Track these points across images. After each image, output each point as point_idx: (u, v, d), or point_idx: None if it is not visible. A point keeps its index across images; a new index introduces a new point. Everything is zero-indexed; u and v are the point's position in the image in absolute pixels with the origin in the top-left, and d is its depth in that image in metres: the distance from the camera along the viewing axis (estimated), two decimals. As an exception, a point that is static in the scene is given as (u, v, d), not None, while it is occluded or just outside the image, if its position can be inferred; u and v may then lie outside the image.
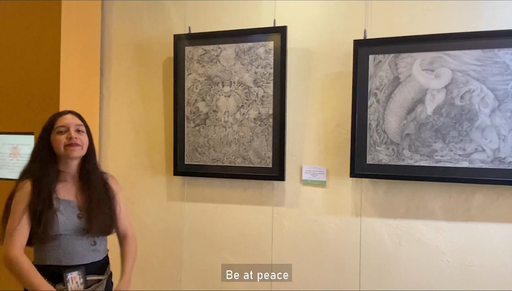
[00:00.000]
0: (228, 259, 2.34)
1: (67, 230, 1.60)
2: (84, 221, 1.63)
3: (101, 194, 1.69)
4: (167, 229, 2.46)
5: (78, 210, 1.64)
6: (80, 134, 1.66)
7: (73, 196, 1.66)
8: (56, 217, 1.57)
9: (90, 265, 1.65)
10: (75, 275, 1.59)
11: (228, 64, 2.27)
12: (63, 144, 1.62)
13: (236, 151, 2.27)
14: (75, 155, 1.64)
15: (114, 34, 2.60)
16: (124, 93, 2.58)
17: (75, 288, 1.60)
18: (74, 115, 1.69)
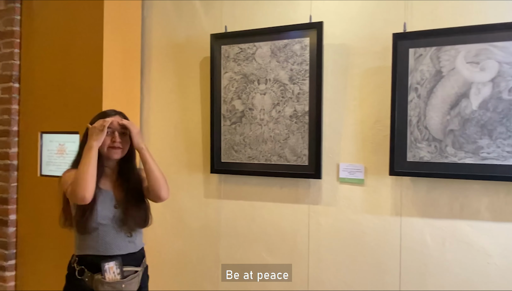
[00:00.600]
0: (265, 257, 2.33)
1: (105, 219, 1.68)
2: (120, 212, 1.71)
3: (137, 189, 1.77)
4: (204, 226, 2.49)
5: (115, 201, 1.72)
6: (124, 136, 1.73)
7: (111, 188, 1.75)
8: (95, 204, 1.65)
9: (127, 256, 1.72)
10: (112, 265, 1.67)
11: (264, 62, 2.27)
12: (106, 146, 1.70)
13: (272, 149, 2.26)
14: (116, 157, 1.74)
15: (154, 35, 2.67)
16: (163, 93, 2.64)
17: (112, 278, 1.67)
18: (122, 118, 1.76)
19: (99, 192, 1.69)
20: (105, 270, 1.66)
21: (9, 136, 2.66)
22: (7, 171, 2.66)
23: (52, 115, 2.56)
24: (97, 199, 1.67)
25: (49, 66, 2.58)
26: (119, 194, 1.75)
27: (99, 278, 1.66)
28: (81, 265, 1.70)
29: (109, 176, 1.77)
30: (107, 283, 1.66)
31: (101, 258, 1.67)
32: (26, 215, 2.66)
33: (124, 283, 1.69)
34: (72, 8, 2.50)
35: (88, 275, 1.68)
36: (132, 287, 1.72)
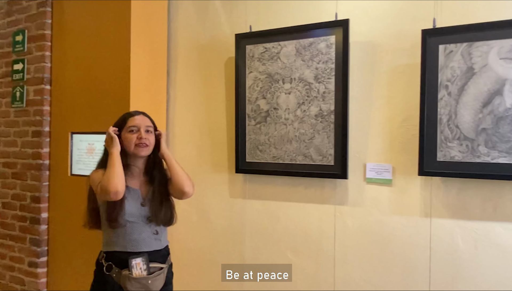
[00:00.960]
0: (290, 258, 2.32)
1: (132, 216, 1.72)
2: (147, 209, 1.76)
3: (163, 188, 1.81)
4: (229, 226, 2.50)
5: (142, 199, 1.77)
6: (149, 134, 1.77)
7: (138, 186, 1.79)
8: (123, 202, 1.70)
9: (153, 253, 1.76)
10: (139, 261, 1.70)
11: (289, 61, 2.25)
12: (133, 143, 1.74)
13: (297, 148, 2.24)
14: (143, 154, 1.77)
15: (179, 36, 2.70)
16: (189, 93, 2.66)
17: (139, 274, 1.70)
18: (145, 116, 1.81)
19: (127, 190, 1.72)
20: (132, 266, 1.70)
21: (41, 137, 2.75)
22: (40, 171, 2.75)
23: (82, 116, 2.63)
24: (125, 196, 1.70)
25: (78, 68, 2.65)
26: (146, 192, 1.79)
27: (126, 274, 1.69)
28: (109, 261, 1.74)
29: (136, 174, 1.80)
30: (134, 279, 1.69)
31: (128, 254, 1.71)
32: (57, 213, 2.73)
33: (150, 279, 1.72)
34: (100, 11, 2.55)
35: (116, 271, 1.72)
36: (157, 284, 1.75)
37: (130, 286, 1.69)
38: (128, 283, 1.69)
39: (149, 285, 1.72)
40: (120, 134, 1.77)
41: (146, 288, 1.71)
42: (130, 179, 1.77)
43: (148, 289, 1.72)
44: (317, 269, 2.24)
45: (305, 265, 2.27)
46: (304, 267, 2.27)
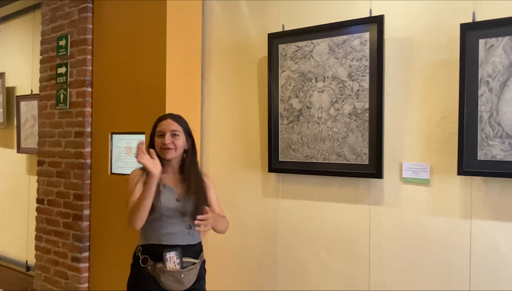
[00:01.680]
0: (323, 258, 2.29)
1: (168, 211, 1.80)
2: (182, 204, 1.83)
3: (197, 185, 1.88)
4: (262, 225, 2.51)
5: (177, 195, 1.84)
6: (175, 138, 1.85)
7: (173, 184, 1.87)
8: (159, 197, 1.78)
9: (186, 248, 1.82)
10: (173, 254, 1.77)
11: (322, 59, 2.23)
12: (159, 147, 1.84)
13: (330, 147, 2.22)
14: (168, 157, 1.85)
15: (213, 36, 2.74)
16: (222, 93, 2.70)
17: (172, 267, 1.77)
18: (173, 121, 1.88)
19: (163, 187, 1.82)
20: (166, 259, 1.76)
21: (83, 137, 2.87)
22: (82, 169, 2.87)
23: (121, 117, 2.72)
24: (161, 192, 1.79)
25: (117, 70, 2.75)
26: (181, 189, 1.86)
27: (161, 267, 1.76)
28: (144, 254, 1.81)
29: (171, 173, 1.89)
30: (168, 272, 1.76)
31: (162, 248, 1.78)
32: (98, 210, 2.85)
33: (183, 273, 1.78)
34: (137, 16, 2.63)
35: (151, 264, 1.79)
36: (190, 278, 1.81)
37: (164, 279, 1.76)
38: (162, 276, 1.76)
39: (182, 279, 1.78)
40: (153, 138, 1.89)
41: (179, 281, 1.77)
42: (165, 178, 1.86)
43: (181, 283, 1.78)
44: (351, 270, 2.20)
45: (339, 265, 2.24)
46: (338, 268, 2.24)
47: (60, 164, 3.01)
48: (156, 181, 1.71)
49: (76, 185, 2.90)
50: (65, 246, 2.94)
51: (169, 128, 1.85)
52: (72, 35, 2.95)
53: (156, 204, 1.77)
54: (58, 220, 3.01)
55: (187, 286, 1.80)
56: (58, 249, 2.98)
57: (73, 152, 2.93)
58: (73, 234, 2.90)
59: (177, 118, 1.90)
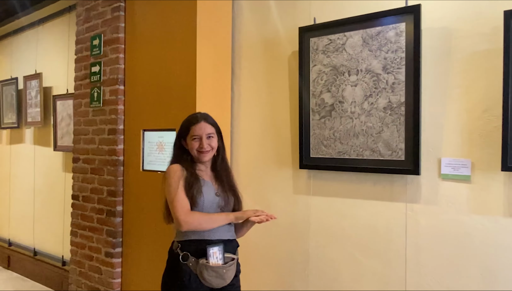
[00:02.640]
0: (357, 257, 2.23)
1: (209, 205, 1.82)
2: (220, 199, 1.86)
3: (231, 182, 1.94)
4: (293, 223, 2.46)
5: (216, 190, 1.88)
6: (211, 140, 1.89)
7: (210, 179, 1.91)
8: (202, 192, 1.81)
9: (226, 243, 1.84)
10: (216, 250, 1.78)
11: (355, 52, 2.17)
12: (195, 150, 1.87)
13: (364, 143, 2.15)
14: (206, 159, 1.90)
15: (243, 32, 2.72)
16: (253, 89, 2.67)
17: (215, 262, 1.77)
18: (206, 123, 1.90)
19: (203, 182, 1.85)
20: (209, 255, 1.77)
21: (116, 134, 2.91)
22: (115, 166, 2.91)
23: (152, 114, 2.74)
24: (202, 187, 1.83)
25: (148, 68, 2.77)
26: (217, 184, 1.91)
27: (204, 263, 1.76)
28: (184, 250, 1.80)
29: (204, 171, 1.93)
30: (211, 268, 1.76)
31: (204, 242, 1.79)
32: (131, 206, 2.88)
33: (225, 268, 1.79)
34: (168, 13, 2.64)
35: (192, 260, 1.78)
36: (230, 274, 1.82)
37: (206, 275, 1.75)
38: (205, 272, 1.75)
39: (224, 275, 1.78)
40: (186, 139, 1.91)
41: (221, 277, 1.78)
42: (202, 173, 1.90)
43: (223, 278, 1.78)
44: (387, 269, 2.12)
45: (373, 265, 2.17)
46: (373, 268, 2.17)
47: (94, 160, 3.07)
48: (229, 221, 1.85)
49: (109, 181, 2.95)
50: (99, 241, 2.99)
51: (205, 132, 1.88)
52: (105, 34, 3.00)
53: (198, 199, 1.79)
54: (92, 215, 3.07)
55: (227, 282, 1.81)
56: (92, 244, 3.04)
57: (107, 149, 2.98)
58: (106, 230, 2.95)
59: (208, 120, 1.93)
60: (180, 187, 1.78)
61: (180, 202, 1.76)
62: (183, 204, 1.76)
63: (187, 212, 1.76)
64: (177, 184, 1.79)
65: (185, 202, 1.77)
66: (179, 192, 1.77)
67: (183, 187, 1.79)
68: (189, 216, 1.75)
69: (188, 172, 1.84)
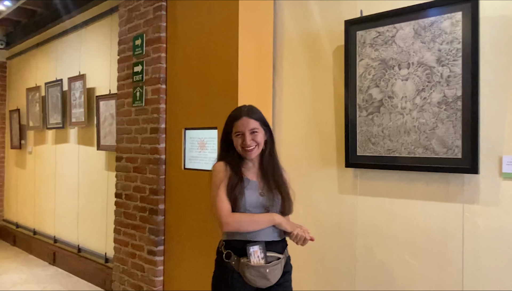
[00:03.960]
0: (408, 260, 2.12)
1: (251, 206, 1.76)
2: (265, 199, 1.79)
3: (278, 180, 1.84)
4: (339, 223, 2.38)
5: (260, 189, 1.81)
6: (255, 135, 1.81)
7: (255, 178, 1.84)
8: (243, 192, 1.75)
9: (271, 243, 1.77)
10: (256, 249, 1.73)
11: (406, 44, 2.06)
12: (240, 147, 1.81)
13: (416, 140, 2.03)
14: (252, 157, 1.83)
15: (285, 28, 2.66)
16: (295, 86, 2.60)
17: (256, 262, 1.72)
18: (248, 118, 1.82)
19: (247, 182, 1.79)
20: (250, 254, 1.72)
21: (158, 133, 2.93)
22: (157, 165, 2.93)
23: (194, 113, 2.73)
24: (246, 187, 1.77)
25: (190, 66, 2.76)
26: (263, 183, 1.82)
27: (245, 262, 1.72)
28: (228, 249, 1.78)
29: (251, 168, 1.86)
30: (252, 267, 1.71)
31: (246, 243, 1.74)
32: (172, 205, 2.89)
33: (268, 268, 1.73)
34: (210, 11, 2.62)
35: (235, 259, 1.75)
36: (275, 274, 1.75)
37: (248, 274, 1.72)
38: (247, 271, 1.72)
39: (267, 274, 1.72)
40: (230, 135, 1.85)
41: (264, 277, 1.72)
42: (247, 171, 1.84)
43: (266, 278, 1.73)
44: (442, 274, 2.00)
45: (426, 269, 2.05)
46: (425, 272, 2.05)
47: (137, 159, 3.10)
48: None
49: (151, 179, 2.97)
50: (142, 239, 3.02)
51: (247, 127, 1.80)
52: (147, 34, 3.03)
53: (240, 200, 1.74)
54: (135, 213, 3.10)
55: (272, 282, 1.75)
56: (135, 242, 3.07)
57: (149, 148, 3.00)
58: (149, 228, 2.97)
59: (251, 114, 1.83)
60: (222, 187, 1.75)
61: (221, 203, 1.73)
62: (223, 204, 1.73)
63: (227, 213, 1.72)
64: (219, 184, 1.77)
65: (226, 202, 1.73)
66: (220, 192, 1.75)
67: (225, 187, 1.76)
68: (229, 217, 1.72)
69: (232, 170, 1.80)
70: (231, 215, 1.73)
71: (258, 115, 1.86)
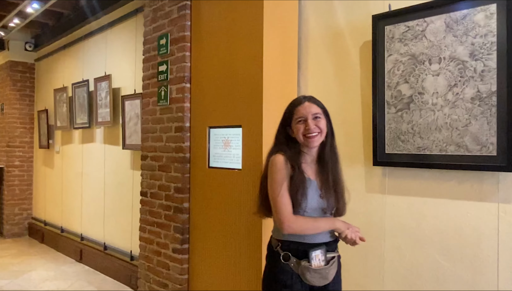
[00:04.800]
0: (439, 262, 2.05)
1: (311, 209, 1.71)
2: (324, 201, 1.73)
3: (336, 177, 1.75)
4: (367, 223, 2.33)
5: (320, 190, 1.73)
6: (318, 121, 1.71)
7: (314, 176, 1.76)
8: (306, 194, 1.69)
9: (329, 243, 1.76)
10: (318, 253, 1.70)
11: (437, 38, 2.00)
12: (301, 134, 1.70)
13: (448, 137, 1.97)
14: (315, 144, 1.72)
15: (310, 25, 2.62)
16: (320, 83, 2.57)
17: (317, 265, 1.70)
18: (312, 103, 1.74)
19: (308, 182, 1.71)
20: (312, 258, 1.69)
21: (183, 132, 2.94)
22: (182, 163, 2.94)
23: (218, 111, 2.73)
24: (308, 189, 1.70)
25: (214, 64, 2.76)
26: (321, 183, 1.74)
27: (306, 265, 1.69)
28: (285, 250, 1.73)
29: (309, 163, 1.78)
30: (314, 270, 1.69)
31: (306, 246, 1.71)
32: (197, 203, 2.89)
33: (328, 269, 1.72)
34: (234, 9, 2.61)
35: (294, 261, 1.72)
36: (332, 272, 1.75)
37: (309, 277, 1.69)
38: (308, 274, 1.69)
39: (327, 274, 1.71)
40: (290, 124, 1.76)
41: (324, 277, 1.71)
42: (306, 169, 1.75)
43: (326, 278, 1.71)
44: (475, 277, 1.93)
45: (458, 270, 1.98)
46: (458, 274, 1.98)
47: (162, 158, 3.12)
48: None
49: (176, 178, 2.98)
50: (167, 237, 3.03)
51: (310, 111, 1.71)
52: (172, 33, 3.04)
53: (301, 202, 1.67)
54: (160, 212, 3.12)
55: (330, 280, 1.74)
56: (160, 240, 3.09)
57: (173, 147, 3.01)
58: (174, 226, 2.98)
59: (314, 100, 1.75)
60: (284, 186, 1.66)
61: (284, 204, 1.66)
62: (286, 206, 1.66)
63: (290, 216, 1.66)
64: (282, 182, 1.67)
65: (288, 204, 1.67)
66: (283, 192, 1.66)
67: (287, 186, 1.67)
68: (292, 221, 1.66)
69: (293, 167, 1.69)
70: (293, 219, 1.67)
71: (320, 103, 1.78)
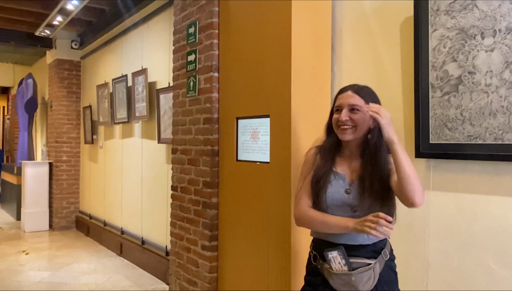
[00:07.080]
0: (492, 268, 1.76)
1: (333, 204, 1.54)
2: (351, 197, 1.53)
3: (378, 176, 1.50)
4: (408, 222, 2.07)
5: (348, 185, 1.55)
6: (354, 113, 1.52)
7: (347, 171, 1.58)
8: (327, 187, 1.55)
9: (356, 247, 1.52)
10: (335, 254, 1.50)
11: (490, 8, 1.70)
12: (335, 125, 1.57)
13: (504, 123, 1.68)
14: (346, 138, 1.55)
15: (344, 5, 2.39)
16: (356, 67, 2.33)
17: (339, 268, 1.51)
18: (353, 93, 1.56)
19: (333, 174, 1.57)
20: (329, 260, 1.51)
21: (211, 124, 2.81)
22: (210, 156, 2.81)
23: (246, 100, 2.57)
24: (331, 182, 1.56)
25: (241, 52, 2.60)
26: (354, 179, 1.56)
27: (327, 268, 1.54)
28: (315, 250, 1.61)
29: (347, 157, 1.61)
30: (335, 274, 1.51)
31: (326, 245, 1.55)
32: (226, 198, 2.75)
33: (354, 276, 1.48)
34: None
35: (320, 262, 1.58)
36: (364, 282, 1.49)
37: (332, 281, 1.51)
38: (330, 278, 1.52)
39: (353, 282, 1.47)
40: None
41: (350, 286, 1.48)
42: (340, 162, 1.60)
43: (354, 286, 1.48)
44: (539, 288, 1.63)
45: None
46: None
47: (191, 151, 3.02)
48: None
49: (204, 172, 2.86)
50: (196, 233, 2.93)
51: (347, 102, 1.54)
52: (200, 20, 2.92)
53: (321, 195, 1.54)
54: (189, 207, 3.02)
55: (360, 289, 1.48)
56: (190, 236, 2.99)
57: (202, 139, 2.89)
58: (202, 222, 2.87)
59: (359, 90, 1.56)
60: (307, 180, 1.61)
61: (300, 197, 1.62)
62: (301, 199, 1.61)
63: (301, 209, 1.60)
64: (307, 175, 1.62)
65: (305, 197, 1.60)
66: (304, 186, 1.62)
67: (310, 178, 1.60)
68: (301, 213, 1.60)
69: (323, 159, 1.58)
70: (303, 212, 1.59)
71: (367, 94, 1.57)
